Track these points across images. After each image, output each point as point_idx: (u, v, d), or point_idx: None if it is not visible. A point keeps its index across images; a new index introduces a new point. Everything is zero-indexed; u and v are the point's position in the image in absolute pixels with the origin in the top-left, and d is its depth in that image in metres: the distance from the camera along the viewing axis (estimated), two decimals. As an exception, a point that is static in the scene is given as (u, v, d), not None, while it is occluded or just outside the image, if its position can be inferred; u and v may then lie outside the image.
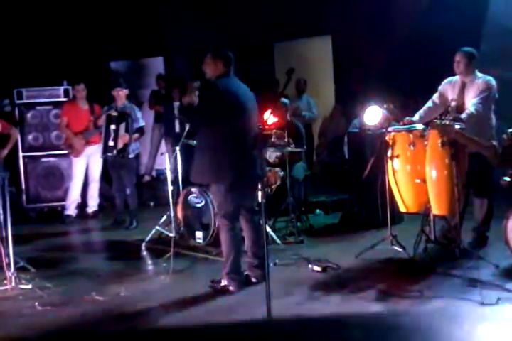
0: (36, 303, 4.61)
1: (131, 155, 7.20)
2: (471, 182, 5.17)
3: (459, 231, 5.04)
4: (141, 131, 7.29)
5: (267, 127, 6.21)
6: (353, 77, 9.11)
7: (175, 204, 6.48)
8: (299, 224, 6.43)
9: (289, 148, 6.40)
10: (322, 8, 9.20)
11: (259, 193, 4.93)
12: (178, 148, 6.43)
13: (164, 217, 6.46)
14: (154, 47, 10.84)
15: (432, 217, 5.27)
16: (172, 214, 6.41)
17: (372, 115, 5.57)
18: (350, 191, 7.01)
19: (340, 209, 7.04)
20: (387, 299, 4.37)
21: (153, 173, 10.72)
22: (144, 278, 5.34)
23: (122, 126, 7.04)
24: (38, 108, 8.23)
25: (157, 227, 6.39)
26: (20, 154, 8.09)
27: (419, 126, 5.32)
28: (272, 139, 6.31)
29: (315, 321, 3.87)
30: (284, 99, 7.00)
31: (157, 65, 11.10)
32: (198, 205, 6.22)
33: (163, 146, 10.04)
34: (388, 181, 5.34)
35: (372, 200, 6.08)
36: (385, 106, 5.65)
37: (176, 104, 9.66)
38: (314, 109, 9.35)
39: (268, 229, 5.71)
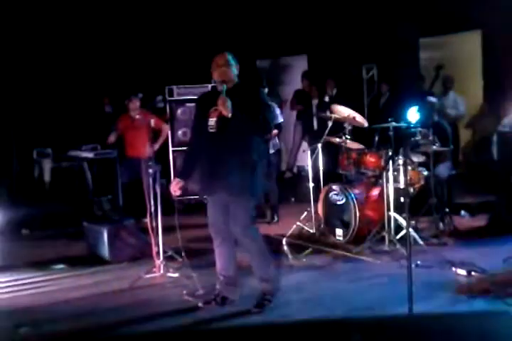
0: (184, 291, 4.85)
1: (271, 151, 7.34)
2: None
3: None
4: (279, 127, 7.41)
5: (411, 125, 6.11)
6: (504, 73, 8.70)
7: (315, 201, 6.54)
8: (442, 225, 6.27)
9: (434, 147, 6.25)
10: (471, 1, 8.85)
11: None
12: (319, 146, 6.49)
13: (305, 213, 6.53)
14: (298, 45, 10.96)
15: None
16: (313, 210, 6.48)
17: (526, 114, 5.31)
18: (498, 193, 6.73)
19: (487, 211, 6.76)
20: (536, 307, 4.17)
21: (295, 170, 10.85)
22: (283, 272, 5.38)
23: None
24: (188, 104, 8.56)
25: (298, 223, 6.48)
26: (171, 148, 8.47)
27: None
28: (417, 138, 6.19)
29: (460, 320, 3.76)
30: (431, 98, 6.81)
31: (300, 62, 11.21)
32: (339, 203, 6.24)
33: (305, 143, 10.14)
34: (541, 184, 5.08)
35: (522, 203, 5.81)
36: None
37: (315, 101, 9.72)
38: (462, 107, 9.00)
39: (410, 229, 5.61)
